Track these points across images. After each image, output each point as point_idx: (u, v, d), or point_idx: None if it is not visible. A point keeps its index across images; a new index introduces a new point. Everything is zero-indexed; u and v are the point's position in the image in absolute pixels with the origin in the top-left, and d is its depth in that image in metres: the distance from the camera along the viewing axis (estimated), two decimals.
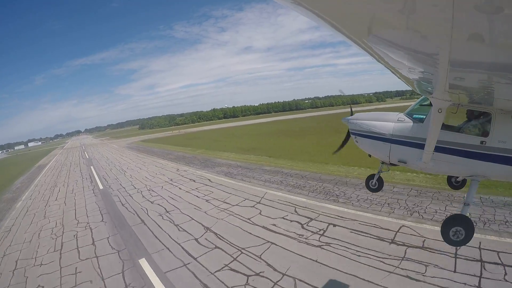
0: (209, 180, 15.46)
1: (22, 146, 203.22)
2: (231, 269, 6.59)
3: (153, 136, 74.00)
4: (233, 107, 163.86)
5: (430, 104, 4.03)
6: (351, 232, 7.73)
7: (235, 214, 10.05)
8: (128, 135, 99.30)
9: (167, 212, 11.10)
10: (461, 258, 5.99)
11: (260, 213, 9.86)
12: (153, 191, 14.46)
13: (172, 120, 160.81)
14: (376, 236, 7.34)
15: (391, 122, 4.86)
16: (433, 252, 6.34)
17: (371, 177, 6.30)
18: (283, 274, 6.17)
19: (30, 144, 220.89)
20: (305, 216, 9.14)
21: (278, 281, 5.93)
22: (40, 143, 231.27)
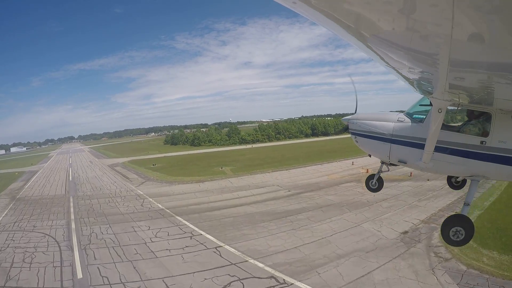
0: None
1: (2, 151, 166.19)
2: None
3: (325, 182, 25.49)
4: (314, 119, 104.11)
5: (430, 104, 4.03)
6: None
7: None
8: (209, 171, 35.93)
9: None
10: None
11: None
12: None
13: (234, 133, 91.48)
14: None
15: (391, 122, 4.85)
16: None
17: (371, 177, 6.27)
18: None
19: (13, 150, 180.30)
20: None
21: None
22: (24, 148, 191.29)
